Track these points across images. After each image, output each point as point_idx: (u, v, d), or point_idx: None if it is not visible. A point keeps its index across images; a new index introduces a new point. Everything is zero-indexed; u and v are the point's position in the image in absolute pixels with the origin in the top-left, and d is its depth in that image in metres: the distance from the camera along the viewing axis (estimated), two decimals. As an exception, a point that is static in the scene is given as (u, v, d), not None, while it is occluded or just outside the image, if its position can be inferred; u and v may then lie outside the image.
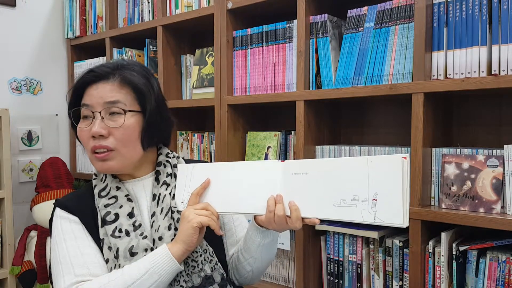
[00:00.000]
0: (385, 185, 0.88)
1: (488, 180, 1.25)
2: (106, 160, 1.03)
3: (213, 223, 0.99)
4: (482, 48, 1.26)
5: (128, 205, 1.05)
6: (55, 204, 1.09)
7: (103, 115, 1.02)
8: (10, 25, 2.41)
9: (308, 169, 0.97)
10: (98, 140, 1.02)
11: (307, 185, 0.96)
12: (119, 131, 1.02)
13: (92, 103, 1.03)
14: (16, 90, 2.44)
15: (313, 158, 1.64)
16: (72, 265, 0.99)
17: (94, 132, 1.01)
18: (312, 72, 1.61)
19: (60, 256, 1.01)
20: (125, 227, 1.02)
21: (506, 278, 1.22)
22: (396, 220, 0.86)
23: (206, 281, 1.02)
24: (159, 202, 1.06)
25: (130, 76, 1.04)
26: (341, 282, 1.59)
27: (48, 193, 2.26)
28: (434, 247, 1.34)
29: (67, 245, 1.01)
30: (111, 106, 1.02)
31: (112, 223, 1.02)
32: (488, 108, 1.47)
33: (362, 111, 1.76)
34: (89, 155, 1.06)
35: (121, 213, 1.04)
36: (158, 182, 1.09)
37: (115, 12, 2.40)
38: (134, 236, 1.01)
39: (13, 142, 2.36)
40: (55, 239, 1.04)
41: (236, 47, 1.84)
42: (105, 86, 1.03)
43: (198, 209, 1.00)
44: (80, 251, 1.01)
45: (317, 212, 0.95)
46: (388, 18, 1.43)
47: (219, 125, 1.88)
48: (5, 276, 2.21)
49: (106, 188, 1.08)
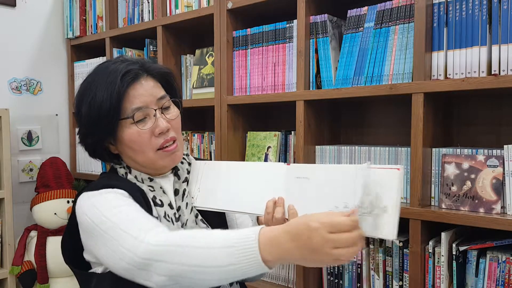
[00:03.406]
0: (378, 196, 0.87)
1: (488, 180, 1.25)
2: (176, 151, 1.04)
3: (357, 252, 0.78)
4: (482, 48, 1.26)
5: (166, 197, 1.05)
6: (85, 190, 0.98)
7: (159, 111, 1.02)
8: (10, 25, 2.41)
9: (310, 174, 0.98)
10: (164, 135, 1.02)
11: (307, 190, 0.97)
12: (176, 121, 1.06)
13: (146, 103, 0.99)
14: (16, 90, 2.44)
15: (313, 158, 1.64)
16: (138, 219, 0.86)
17: (163, 129, 1.00)
18: (312, 72, 1.61)
19: (117, 219, 0.86)
20: (171, 215, 1.02)
21: (506, 278, 1.22)
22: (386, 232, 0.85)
23: None
24: (183, 197, 1.07)
25: (155, 67, 1.05)
26: (341, 282, 1.59)
27: (48, 193, 2.26)
28: (434, 247, 1.34)
29: (121, 210, 0.88)
30: (163, 101, 1.03)
31: (161, 206, 1.01)
32: (488, 108, 1.47)
33: (362, 111, 1.76)
34: (152, 154, 1.01)
35: (164, 201, 1.03)
36: (178, 178, 1.10)
37: (115, 12, 2.40)
38: (176, 226, 1.01)
39: (13, 142, 2.36)
40: (98, 211, 0.89)
41: (236, 47, 1.84)
42: (148, 83, 1.01)
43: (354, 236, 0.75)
44: (142, 212, 0.90)
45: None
46: (388, 18, 1.43)
47: (219, 125, 1.88)
48: (5, 276, 2.21)
49: (138, 176, 1.04)
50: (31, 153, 2.48)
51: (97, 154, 1.07)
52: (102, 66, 1.03)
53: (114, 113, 0.96)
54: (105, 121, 0.97)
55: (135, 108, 0.98)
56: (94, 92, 0.98)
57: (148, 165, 1.04)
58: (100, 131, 0.99)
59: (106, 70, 1.00)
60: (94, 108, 0.97)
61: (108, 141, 1.03)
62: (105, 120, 0.97)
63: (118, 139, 1.01)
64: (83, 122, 1.02)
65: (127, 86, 0.97)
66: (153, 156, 1.02)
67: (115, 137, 1.01)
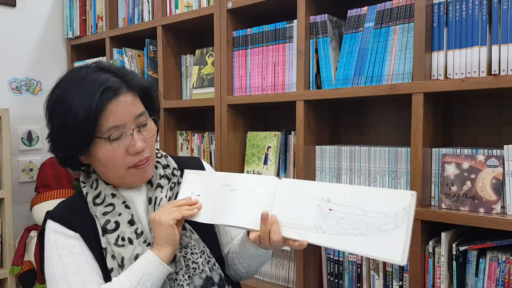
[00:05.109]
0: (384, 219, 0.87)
1: (488, 180, 1.25)
2: (148, 169, 1.02)
3: (186, 212, 0.99)
4: (482, 48, 1.26)
5: (127, 212, 1.02)
6: (46, 216, 1.04)
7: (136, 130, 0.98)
8: (10, 25, 2.41)
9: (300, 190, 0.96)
10: (139, 154, 0.99)
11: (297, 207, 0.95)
12: (152, 139, 1.02)
13: (123, 122, 0.95)
14: (16, 90, 2.44)
15: (313, 158, 1.64)
16: (68, 283, 0.96)
17: (138, 149, 0.97)
18: (312, 72, 1.61)
19: (55, 272, 0.97)
20: (128, 235, 0.99)
21: (506, 278, 1.22)
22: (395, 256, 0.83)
23: (207, 282, 1.01)
24: (155, 206, 1.04)
25: (135, 81, 1.00)
26: (341, 282, 1.59)
27: (48, 193, 2.26)
28: (434, 247, 1.34)
29: (63, 262, 0.97)
30: (141, 119, 0.99)
31: (113, 231, 0.99)
32: (488, 108, 1.47)
33: (362, 111, 1.76)
34: (123, 172, 0.99)
35: (121, 220, 1.00)
36: (152, 185, 1.07)
37: (115, 12, 2.40)
38: (137, 243, 0.99)
39: (13, 142, 2.36)
40: (49, 254, 0.99)
41: (236, 47, 1.84)
42: (126, 99, 0.96)
43: (166, 208, 0.99)
44: (77, 268, 0.97)
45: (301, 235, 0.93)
46: (388, 18, 1.43)
47: (219, 125, 1.88)
48: (5, 276, 2.21)
49: (100, 195, 1.03)
50: (31, 153, 2.48)
51: (68, 164, 1.04)
52: (79, 74, 0.97)
53: (89, 130, 0.93)
54: (79, 137, 0.93)
55: (112, 127, 0.94)
56: (69, 104, 0.92)
57: (117, 180, 1.03)
58: (73, 145, 0.96)
59: (83, 80, 0.95)
60: (68, 122, 0.92)
61: (79, 154, 1.00)
62: (79, 135, 0.93)
63: (90, 154, 0.98)
64: (55, 135, 0.97)
65: (106, 102, 0.92)
66: (124, 173, 1.00)
67: (86, 152, 0.98)
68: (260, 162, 1.81)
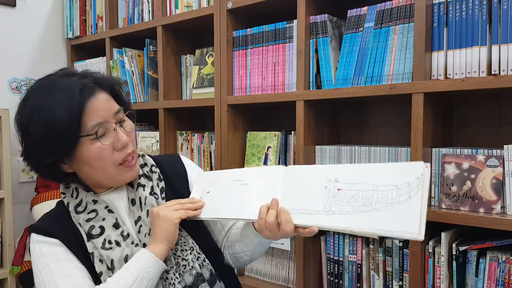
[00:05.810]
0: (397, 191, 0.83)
1: (488, 180, 1.25)
2: (135, 166, 1.03)
3: (191, 213, 1.02)
4: (482, 48, 1.26)
5: (111, 216, 1.01)
6: (30, 230, 1.04)
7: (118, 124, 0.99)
8: (10, 25, 2.41)
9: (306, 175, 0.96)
10: (126, 148, 0.99)
11: (304, 191, 0.94)
12: (132, 134, 1.03)
13: (105, 118, 0.96)
14: (16, 90, 2.44)
15: (313, 158, 1.64)
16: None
17: (125, 142, 0.98)
18: (312, 72, 1.61)
19: (45, 280, 0.96)
20: (114, 238, 0.99)
21: (506, 278, 1.22)
22: (412, 229, 0.79)
23: (198, 279, 1.01)
24: (142, 206, 1.04)
25: (105, 80, 1.01)
26: (341, 282, 1.59)
27: (48, 193, 2.26)
28: (434, 247, 1.34)
29: (50, 269, 0.97)
30: (120, 115, 1.00)
31: (99, 235, 0.99)
32: (488, 108, 1.47)
33: (362, 111, 1.76)
34: (113, 170, 0.99)
35: (106, 225, 1.00)
36: (132, 187, 1.06)
37: (115, 12, 2.40)
38: (125, 245, 0.99)
39: (13, 142, 2.35)
40: (36, 264, 0.99)
41: (236, 47, 1.84)
42: (102, 97, 0.97)
43: (170, 205, 1.02)
44: (65, 272, 0.96)
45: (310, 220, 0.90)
46: (388, 18, 1.43)
47: (219, 125, 1.88)
48: (5, 276, 2.21)
49: (82, 203, 1.02)
50: (31, 153, 2.48)
51: (51, 175, 1.03)
52: (47, 83, 0.97)
53: (74, 130, 0.92)
54: (64, 140, 0.92)
55: (96, 124, 0.94)
56: (48, 110, 0.92)
57: (107, 181, 1.01)
58: (58, 150, 0.94)
59: (54, 85, 0.95)
60: (51, 127, 0.91)
61: (63, 160, 0.99)
62: (64, 138, 0.92)
63: (75, 157, 0.97)
64: (36, 144, 0.95)
65: (85, 101, 0.93)
66: (114, 171, 0.99)
67: (72, 155, 0.96)
68: (260, 162, 1.81)
